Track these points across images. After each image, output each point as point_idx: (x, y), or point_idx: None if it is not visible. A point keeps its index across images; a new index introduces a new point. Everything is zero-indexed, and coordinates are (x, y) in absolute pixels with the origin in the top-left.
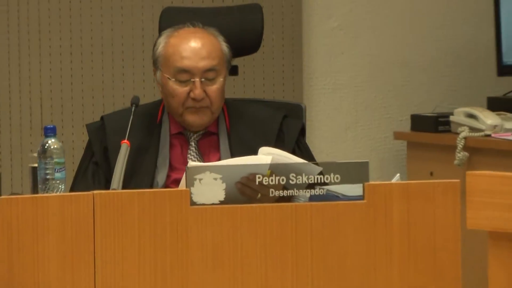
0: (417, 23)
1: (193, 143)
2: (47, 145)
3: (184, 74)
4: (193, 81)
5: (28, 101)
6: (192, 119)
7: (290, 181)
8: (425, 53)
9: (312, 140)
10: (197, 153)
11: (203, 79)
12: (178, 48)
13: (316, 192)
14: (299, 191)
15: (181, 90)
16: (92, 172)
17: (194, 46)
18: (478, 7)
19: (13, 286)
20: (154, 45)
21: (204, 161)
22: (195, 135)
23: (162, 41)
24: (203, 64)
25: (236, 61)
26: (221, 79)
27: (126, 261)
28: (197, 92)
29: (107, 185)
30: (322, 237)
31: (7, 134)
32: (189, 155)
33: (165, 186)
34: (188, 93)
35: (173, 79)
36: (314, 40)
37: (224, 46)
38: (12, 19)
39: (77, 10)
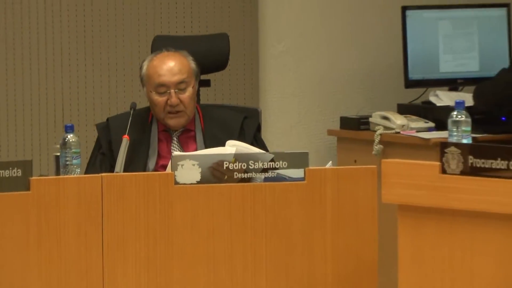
0: (345, 47)
1: (175, 138)
2: (66, 139)
3: (162, 87)
4: (169, 92)
5: (53, 106)
6: (171, 122)
7: (250, 166)
8: (351, 70)
9: (266, 135)
10: (178, 146)
11: (176, 90)
12: (156, 69)
13: (269, 174)
14: (256, 174)
15: (160, 99)
16: (100, 160)
17: (168, 66)
18: (390, 35)
19: (41, 244)
20: (141, 67)
21: (184, 151)
22: (176, 132)
23: (145, 64)
24: (175, 78)
25: (210, 76)
26: (191, 89)
27: (127, 227)
28: (173, 100)
29: (111, 170)
30: (273, 208)
31: (37, 130)
32: (172, 147)
33: (155, 170)
34: (166, 102)
35: (154, 92)
36: (268, 60)
37: (192, 63)
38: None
39: (91, 36)
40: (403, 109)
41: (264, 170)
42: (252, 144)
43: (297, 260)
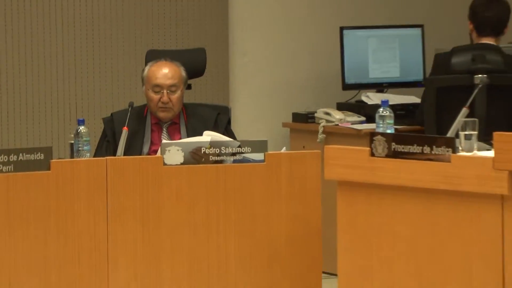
0: (297, 59)
1: (164, 129)
2: (79, 130)
3: (157, 87)
4: (163, 92)
5: (69, 105)
6: (161, 115)
7: (222, 151)
8: (301, 76)
9: (234, 127)
10: (167, 135)
11: (168, 91)
12: (154, 73)
13: (237, 157)
14: (227, 157)
15: (155, 97)
16: (106, 146)
17: (163, 72)
18: (331, 49)
19: (59, 213)
20: (143, 71)
21: (171, 140)
22: (165, 124)
23: (146, 68)
24: (169, 82)
25: (191, 81)
26: (180, 91)
27: (126, 198)
28: (165, 98)
29: (114, 154)
30: (240, 184)
31: (56, 124)
32: (162, 136)
33: (148, 154)
34: (160, 99)
35: (151, 90)
36: (236, 69)
37: (183, 72)
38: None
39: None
40: (341, 107)
41: (233, 154)
42: (223, 134)
43: (258, 225)
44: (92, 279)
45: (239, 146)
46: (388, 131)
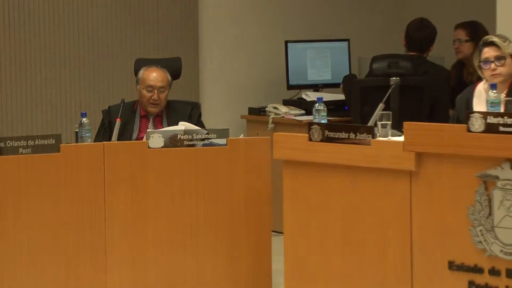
0: (252, 65)
1: (151, 120)
2: (82, 121)
3: (150, 87)
4: (154, 91)
5: (74, 101)
6: (151, 109)
7: (194, 137)
8: (256, 78)
9: (204, 119)
10: (152, 125)
11: (158, 91)
12: (148, 75)
13: (205, 142)
14: (197, 142)
15: (148, 95)
16: (103, 133)
17: (155, 75)
18: (279, 57)
19: (67, 186)
20: (138, 73)
21: (156, 129)
22: (152, 117)
23: (141, 72)
24: (159, 84)
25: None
26: (166, 92)
27: (119, 174)
28: (155, 97)
29: (110, 139)
30: (208, 163)
31: (65, 115)
32: (149, 126)
33: (136, 139)
34: (151, 97)
35: (144, 89)
36: (205, 72)
37: (169, 77)
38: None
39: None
40: (286, 103)
41: (202, 139)
42: (195, 124)
43: (222, 194)
44: (93, 235)
45: (207, 133)
46: (322, 121)
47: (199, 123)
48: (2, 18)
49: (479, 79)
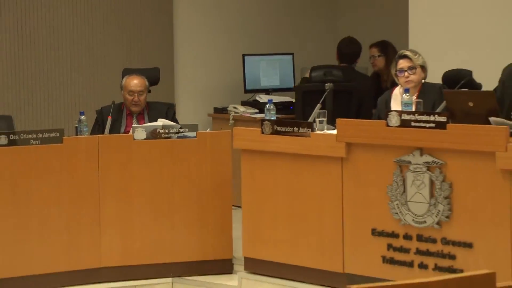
0: (218, 75)
1: (134, 117)
2: (80, 118)
3: (131, 92)
4: (134, 95)
5: (74, 103)
6: (133, 109)
7: (170, 131)
8: (220, 84)
9: (178, 116)
10: (136, 121)
11: (138, 94)
12: (130, 83)
13: (179, 135)
14: (173, 135)
15: (130, 98)
16: (97, 128)
17: (135, 82)
18: (238, 67)
19: (68, 171)
20: (122, 81)
21: (139, 124)
22: (135, 115)
23: (124, 80)
24: (138, 89)
25: (150, 87)
26: (144, 95)
27: (110, 161)
28: (135, 99)
29: (103, 133)
30: (181, 151)
31: (67, 113)
32: (133, 122)
33: (124, 133)
34: (132, 99)
35: (127, 93)
36: (178, 79)
37: (146, 82)
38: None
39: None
40: (243, 103)
41: (177, 133)
42: (171, 120)
43: (192, 176)
44: (89, 210)
45: (180, 128)
46: (272, 118)
47: (174, 120)
48: (27, 36)
49: (394, 84)
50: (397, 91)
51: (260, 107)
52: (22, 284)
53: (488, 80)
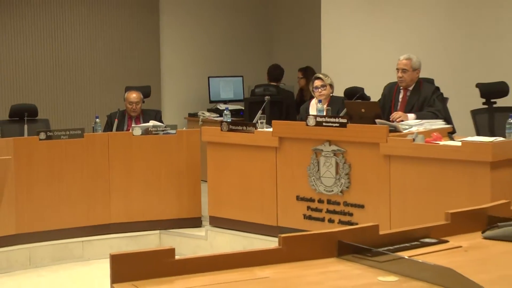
0: (191, 90)
1: (133, 120)
2: (96, 120)
3: (130, 103)
4: (133, 104)
5: (92, 109)
6: (132, 114)
7: (158, 129)
8: (191, 97)
9: (164, 119)
10: (134, 123)
11: (135, 104)
12: (129, 96)
13: (165, 132)
14: (160, 132)
15: (130, 107)
16: (107, 128)
17: (133, 96)
18: (203, 84)
19: (89, 160)
20: (124, 95)
21: (136, 125)
22: (134, 118)
23: (125, 94)
24: (135, 100)
25: (144, 99)
26: (140, 104)
27: (117, 151)
28: (134, 108)
29: (111, 131)
30: (166, 144)
31: (87, 117)
32: (133, 123)
33: (126, 131)
34: (131, 108)
35: (127, 104)
36: (164, 92)
37: (141, 95)
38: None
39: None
40: (209, 110)
41: (163, 131)
42: (159, 121)
43: (173, 160)
44: (102, 183)
45: (165, 127)
46: (228, 120)
47: (160, 121)
48: (59, 55)
49: (312, 97)
50: (314, 101)
51: (220, 112)
52: (53, 235)
53: (375, 94)
